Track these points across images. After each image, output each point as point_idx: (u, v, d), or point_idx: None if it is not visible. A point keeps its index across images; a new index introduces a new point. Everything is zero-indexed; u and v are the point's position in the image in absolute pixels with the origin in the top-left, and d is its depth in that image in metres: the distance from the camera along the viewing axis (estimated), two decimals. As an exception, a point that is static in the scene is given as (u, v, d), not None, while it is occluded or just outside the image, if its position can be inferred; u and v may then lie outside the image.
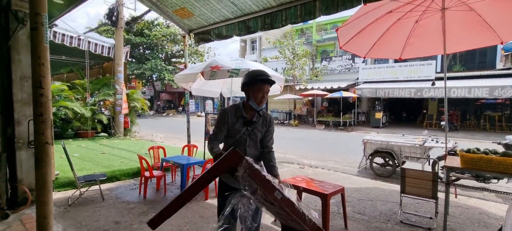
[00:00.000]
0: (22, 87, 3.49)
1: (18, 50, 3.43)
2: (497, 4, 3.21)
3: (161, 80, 26.45)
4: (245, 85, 1.97)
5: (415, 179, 3.40)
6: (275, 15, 3.75)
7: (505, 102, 15.29)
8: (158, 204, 3.92)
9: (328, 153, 8.62)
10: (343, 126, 16.41)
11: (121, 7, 10.17)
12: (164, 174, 4.44)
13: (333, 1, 3.15)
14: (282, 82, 4.99)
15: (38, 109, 1.79)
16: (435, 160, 5.26)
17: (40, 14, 1.70)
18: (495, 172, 2.89)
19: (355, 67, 18.84)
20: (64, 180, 4.54)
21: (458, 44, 4.04)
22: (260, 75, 1.93)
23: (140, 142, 9.33)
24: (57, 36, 7.38)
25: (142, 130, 11.96)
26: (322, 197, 2.99)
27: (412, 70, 15.88)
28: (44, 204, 2.00)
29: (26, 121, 3.57)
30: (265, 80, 1.92)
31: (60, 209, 3.67)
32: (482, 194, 4.52)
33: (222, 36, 4.54)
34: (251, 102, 1.95)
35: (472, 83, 13.17)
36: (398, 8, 3.51)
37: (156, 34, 25.02)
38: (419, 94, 14.14)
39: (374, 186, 4.99)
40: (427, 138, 5.73)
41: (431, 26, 3.77)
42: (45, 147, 1.89)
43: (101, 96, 10.22)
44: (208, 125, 5.75)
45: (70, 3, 4.38)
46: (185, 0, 4.12)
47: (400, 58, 4.36)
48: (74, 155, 6.29)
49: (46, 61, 1.76)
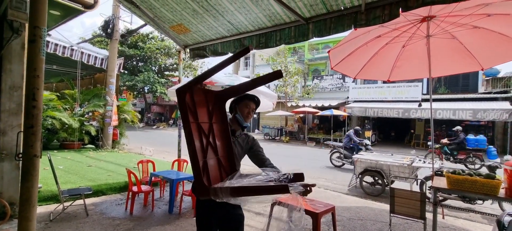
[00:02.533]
0: (11, 97, 3.42)
1: (10, 60, 3.38)
2: (477, 34, 3.44)
3: (153, 93, 26.27)
4: (233, 102, 2.08)
5: (404, 198, 3.46)
6: (270, 35, 3.88)
7: (487, 124, 15.91)
8: (145, 221, 3.80)
9: (318, 171, 8.65)
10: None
11: (117, 20, 10.24)
12: (152, 189, 4.34)
13: (325, 25, 3.30)
14: (274, 99, 5.07)
15: (29, 121, 1.77)
16: (422, 180, 5.37)
17: (39, 27, 1.71)
18: (479, 194, 2.97)
19: (346, 86, 19.33)
20: (47, 194, 4.35)
21: (442, 69, 4.26)
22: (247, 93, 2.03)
23: (128, 155, 9.11)
24: (49, 46, 7.32)
25: (131, 142, 11.71)
26: (313, 216, 2.99)
27: (400, 91, 16.42)
28: (27, 219, 1.92)
29: (12, 131, 3.47)
30: (251, 98, 2.07)
31: (41, 224, 3.50)
32: (468, 215, 4.60)
33: (218, 53, 4.63)
34: (238, 115, 2.03)
35: (457, 105, 13.71)
36: (386, 33, 3.70)
37: (150, 47, 25.09)
38: (406, 115, 14.56)
39: (364, 205, 5.01)
40: (415, 157, 5.86)
41: (417, 51, 3.97)
42: (33, 160, 1.84)
43: (90, 107, 10.04)
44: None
45: (66, 15, 4.40)
46: (183, 17, 4.21)
47: (388, 80, 4.54)
48: (58, 167, 6.07)
49: (41, 73, 1.76)
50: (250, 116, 2.06)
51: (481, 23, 3.25)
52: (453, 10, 3.01)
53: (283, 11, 3.48)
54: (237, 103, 2.06)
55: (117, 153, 9.52)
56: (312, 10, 3.31)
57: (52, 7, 4.14)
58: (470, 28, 3.37)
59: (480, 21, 3.21)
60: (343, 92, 19.43)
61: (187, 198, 4.53)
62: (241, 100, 2.05)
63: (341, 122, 18.36)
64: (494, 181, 2.87)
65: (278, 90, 19.34)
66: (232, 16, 3.86)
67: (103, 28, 10.29)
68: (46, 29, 1.78)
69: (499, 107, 12.49)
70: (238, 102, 2.06)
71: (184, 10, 4.00)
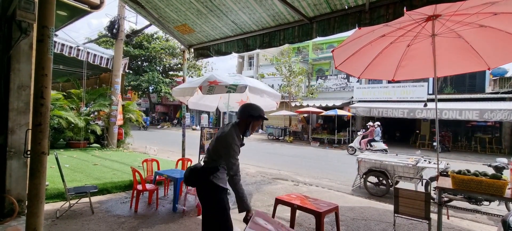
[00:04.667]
0: (20, 96, 3.48)
1: (18, 59, 3.45)
2: (483, 33, 3.40)
3: (157, 93, 26.48)
4: (252, 117, 2.27)
5: (408, 199, 3.43)
6: (274, 34, 3.89)
7: (495, 125, 15.67)
8: (149, 219, 3.84)
9: (322, 171, 8.62)
10: (337, 144, 16.50)
11: (123, 20, 10.35)
12: (157, 188, 4.38)
13: (329, 24, 3.30)
14: (278, 99, 5.08)
15: (37, 119, 1.81)
16: (427, 180, 5.31)
17: (47, 27, 1.75)
18: (485, 194, 2.94)
19: (350, 86, 19.22)
20: (53, 191, 4.43)
21: (448, 68, 4.21)
22: (264, 115, 2.35)
23: (133, 154, 9.20)
24: (56, 46, 7.44)
25: (136, 142, 11.82)
26: (316, 215, 2.99)
27: (405, 91, 16.27)
28: (35, 215, 1.96)
29: (20, 129, 3.54)
30: (265, 119, 2.38)
31: (48, 222, 3.56)
32: (474, 216, 4.55)
33: (221, 53, 4.65)
34: (248, 131, 2.29)
35: (463, 105, 13.53)
36: (390, 32, 3.68)
37: (155, 47, 25.28)
38: (412, 115, 14.42)
39: (368, 205, 4.99)
40: (420, 158, 5.81)
41: (422, 51, 3.94)
42: (40, 157, 1.88)
43: (96, 106, 10.16)
44: (204, 139, 5.75)
45: (73, 15, 4.47)
46: (187, 17, 4.25)
47: (393, 79, 4.51)
48: (65, 166, 6.16)
49: (49, 72, 1.80)
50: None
51: (487, 22, 3.21)
52: (458, 9, 2.99)
53: (287, 11, 3.48)
54: (255, 119, 2.29)
55: (122, 152, 9.62)
56: (316, 9, 3.31)
57: (59, 7, 4.21)
58: (476, 27, 3.33)
59: (487, 20, 3.17)
60: (347, 92, 19.32)
61: (191, 197, 4.56)
62: (259, 118, 2.30)
63: (345, 122, 18.26)
64: (500, 181, 2.84)
65: (282, 90, 19.31)
66: (236, 16, 3.88)
67: (109, 28, 10.41)
68: (54, 29, 1.81)
69: (506, 107, 12.29)
70: (257, 119, 2.30)
71: (189, 11, 4.03)
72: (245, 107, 2.31)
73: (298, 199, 3.40)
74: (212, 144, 2.26)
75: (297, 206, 3.21)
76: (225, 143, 2.11)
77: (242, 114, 2.26)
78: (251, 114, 2.25)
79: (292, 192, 4.82)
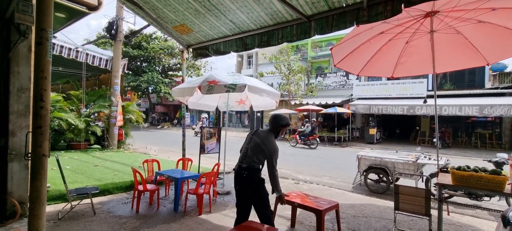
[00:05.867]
0: (19, 99, 3.49)
1: (17, 62, 3.45)
2: (482, 28, 3.40)
3: (157, 93, 26.47)
4: (281, 125, 2.91)
5: (408, 195, 3.44)
6: (272, 33, 3.88)
7: (495, 120, 15.67)
8: (151, 219, 3.86)
9: (322, 168, 8.63)
10: (337, 142, 16.51)
11: (121, 21, 10.33)
12: (158, 188, 4.39)
13: (327, 22, 3.30)
14: (277, 98, 5.08)
15: (38, 122, 1.81)
16: (428, 177, 5.32)
17: (46, 30, 1.75)
18: (485, 190, 2.95)
19: (349, 84, 19.21)
20: (55, 193, 4.44)
21: (447, 64, 4.21)
22: (289, 122, 3.07)
23: (133, 155, 9.21)
24: (55, 48, 7.43)
25: (136, 142, 11.83)
26: (316, 213, 3.00)
27: (404, 88, 16.26)
28: (37, 217, 1.97)
29: (21, 132, 3.54)
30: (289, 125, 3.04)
31: (50, 223, 3.57)
32: (475, 212, 4.56)
33: (220, 52, 4.65)
34: (278, 136, 2.94)
35: (463, 101, 13.53)
36: (389, 29, 3.68)
37: (154, 47, 25.24)
38: (411, 111, 14.42)
39: (369, 202, 5.00)
40: (420, 154, 5.82)
41: (421, 47, 3.94)
42: (41, 159, 1.89)
43: (96, 108, 10.16)
44: (204, 139, 5.76)
45: (71, 17, 4.47)
46: (185, 17, 4.24)
47: (392, 76, 4.51)
48: (66, 167, 6.17)
49: (48, 75, 1.80)
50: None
51: (486, 17, 3.20)
52: (457, 5, 2.98)
53: (285, 9, 3.48)
54: (284, 126, 2.94)
55: (123, 152, 9.63)
56: (314, 7, 3.31)
57: (57, 9, 4.20)
58: (475, 23, 3.33)
59: (485, 16, 3.17)
60: (347, 89, 19.31)
61: (192, 197, 4.58)
62: (286, 126, 2.93)
63: (345, 120, 18.26)
64: (500, 176, 2.84)
65: (282, 88, 19.30)
66: (234, 15, 3.88)
67: (107, 29, 10.40)
68: (52, 31, 1.82)
69: (506, 102, 12.29)
70: (285, 126, 2.94)
71: (187, 11, 4.03)
72: (275, 117, 2.93)
73: (299, 197, 3.42)
74: (253, 148, 2.80)
75: (297, 204, 3.23)
76: (272, 148, 2.76)
77: (274, 124, 2.90)
78: (280, 124, 2.90)
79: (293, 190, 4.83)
